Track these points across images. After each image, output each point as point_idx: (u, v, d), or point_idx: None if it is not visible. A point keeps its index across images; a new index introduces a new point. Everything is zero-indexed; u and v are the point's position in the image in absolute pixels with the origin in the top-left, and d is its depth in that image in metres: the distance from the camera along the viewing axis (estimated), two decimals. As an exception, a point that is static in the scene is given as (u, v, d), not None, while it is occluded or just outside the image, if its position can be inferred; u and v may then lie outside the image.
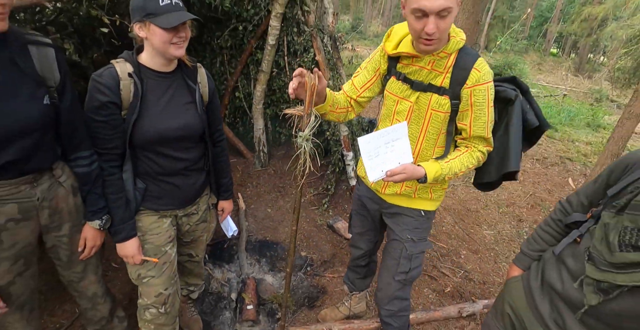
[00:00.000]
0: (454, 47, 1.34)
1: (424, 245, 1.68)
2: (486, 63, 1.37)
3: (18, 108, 1.13)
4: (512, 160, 1.48)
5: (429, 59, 1.37)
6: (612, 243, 0.97)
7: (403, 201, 1.62)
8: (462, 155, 1.45)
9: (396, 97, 1.49)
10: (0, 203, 1.19)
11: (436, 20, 1.19)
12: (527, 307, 1.23)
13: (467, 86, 1.35)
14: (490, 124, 1.42)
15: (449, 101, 1.38)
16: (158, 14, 1.26)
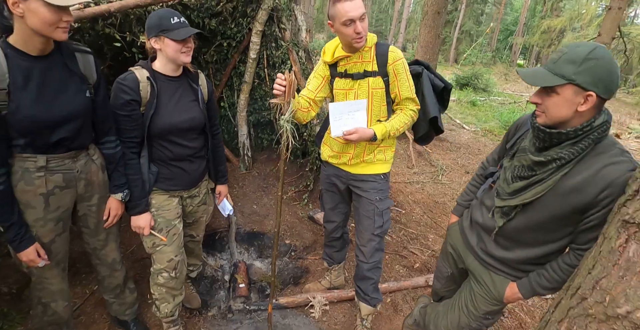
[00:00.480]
0: (371, 42, 1.84)
1: (388, 202, 2.09)
2: (396, 48, 1.88)
3: (69, 99, 1.50)
4: (430, 111, 2.00)
5: (358, 54, 1.85)
6: (507, 179, 1.39)
7: (366, 169, 2.03)
8: (399, 116, 1.91)
9: (344, 90, 1.93)
10: (50, 173, 1.53)
11: (360, 23, 1.70)
12: (462, 242, 1.64)
13: (389, 64, 1.84)
14: (411, 87, 1.90)
15: (381, 79, 1.85)
16: (171, 30, 1.64)
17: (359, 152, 1.99)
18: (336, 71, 1.93)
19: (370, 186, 2.04)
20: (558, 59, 1.17)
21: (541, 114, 1.23)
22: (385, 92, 1.89)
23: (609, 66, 1.12)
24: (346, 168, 2.08)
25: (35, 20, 1.31)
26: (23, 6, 1.28)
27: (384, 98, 1.91)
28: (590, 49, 1.12)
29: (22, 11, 1.29)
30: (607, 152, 1.16)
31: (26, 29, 1.34)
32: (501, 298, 1.49)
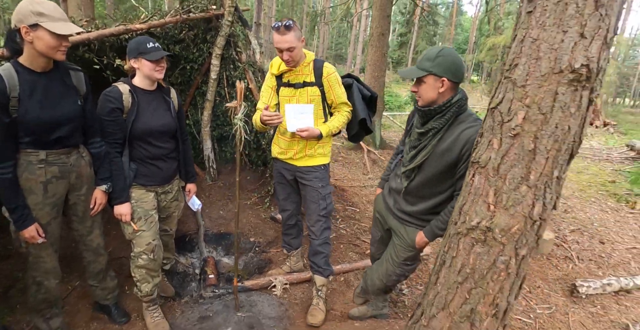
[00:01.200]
0: (309, 59, 2.34)
1: (329, 188, 2.55)
2: (329, 64, 2.38)
3: (65, 106, 1.89)
4: (359, 114, 2.46)
5: (298, 68, 2.34)
6: (407, 150, 1.89)
7: (309, 161, 2.48)
8: (337, 117, 2.41)
9: (287, 97, 2.40)
10: (49, 165, 1.89)
11: (287, 53, 2.19)
12: (384, 207, 2.12)
13: (324, 77, 2.33)
14: (344, 94, 2.40)
15: (318, 88, 2.34)
16: (147, 52, 2.07)
17: (302, 148, 2.45)
18: (281, 81, 2.42)
19: (313, 176, 2.49)
20: (420, 59, 1.71)
21: (419, 99, 1.75)
22: (322, 99, 2.39)
23: (453, 59, 1.67)
24: (292, 162, 2.52)
25: (41, 45, 1.71)
26: (33, 34, 1.68)
27: (321, 103, 2.40)
28: (440, 49, 1.67)
29: (31, 38, 1.69)
30: (465, 121, 1.69)
31: (34, 52, 1.74)
32: (414, 244, 1.95)
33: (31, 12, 1.66)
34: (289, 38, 2.14)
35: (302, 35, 2.28)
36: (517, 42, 1.28)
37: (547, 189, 1.28)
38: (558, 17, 1.15)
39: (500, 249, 1.36)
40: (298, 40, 2.20)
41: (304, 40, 2.28)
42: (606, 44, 1.16)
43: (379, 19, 6.98)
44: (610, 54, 6.23)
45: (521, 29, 1.26)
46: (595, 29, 1.13)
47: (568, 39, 1.15)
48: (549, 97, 1.19)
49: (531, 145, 1.24)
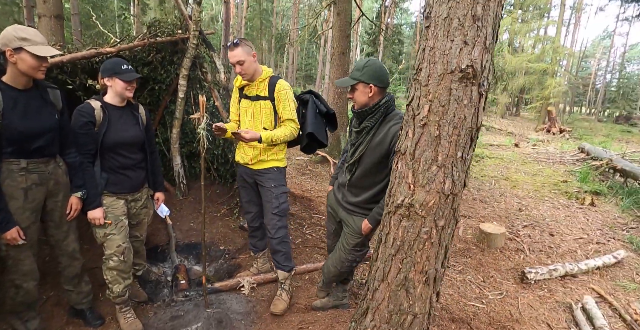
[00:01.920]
0: (265, 75, 2.61)
1: (283, 188, 2.77)
2: (283, 80, 2.64)
3: (44, 119, 2.09)
4: (308, 128, 2.66)
5: (255, 83, 2.62)
6: (349, 149, 2.15)
7: (263, 165, 2.72)
8: (281, 129, 2.62)
9: (245, 108, 2.68)
10: (29, 173, 2.07)
11: (238, 66, 2.50)
12: (334, 201, 2.36)
13: (276, 92, 2.59)
14: (292, 111, 2.62)
15: (270, 102, 2.60)
16: (121, 73, 2.31)
17: (257, 154, 2.70)
18: (242, 93, 2.70)
19: (266, 177, 2.74)
20: (352, 70, 2.00)
21: (354, 103, 2.04)
22: (273, 112, 2.65)
23: (378, 68, 1.98)
24: (250, 166, 2.77)
25: (24, 66, 1.93)
26: (16, 56, 1.91)
27: (272, 115, 2.66)
28: (366, 60, 1.98)
29: (15, 60, 1.91)
30: (393, 119, 1.99)
31: (17, 72, 1.96)
32: (360, 231, 2.19)
33: (15, 37, 1.89)
34: (237, 52, 2.47)
35: (253, 51, 2.57)
36: (420, 51, 1.57)
37: (454, 168, 1.55)
38: (446, 29, 1.46)
39: (422, 221, 1.61)
40: (247, 54, 2.51)
41: (255, 55, 2.58)
42: (486, 49, 1.46)
43: (339, 38, 7.40)
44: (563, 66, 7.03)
45: (422, 41, 1.56)
46: (475, 37, 1.43)
47: (455, 46, 1.45)
48: (445, 92, 1.48)
49: (436, 132, 1.52)
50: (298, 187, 5.99)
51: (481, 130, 10.20)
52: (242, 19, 26.51)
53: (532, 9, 21.24)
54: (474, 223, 5.07)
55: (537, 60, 18.58)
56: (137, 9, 17.58)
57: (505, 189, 7.10)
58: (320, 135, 2.73)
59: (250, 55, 2.52)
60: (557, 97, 18.86)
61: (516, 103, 27.02)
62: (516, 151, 11.42)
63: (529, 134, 16.36)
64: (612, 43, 38.65)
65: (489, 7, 1.42)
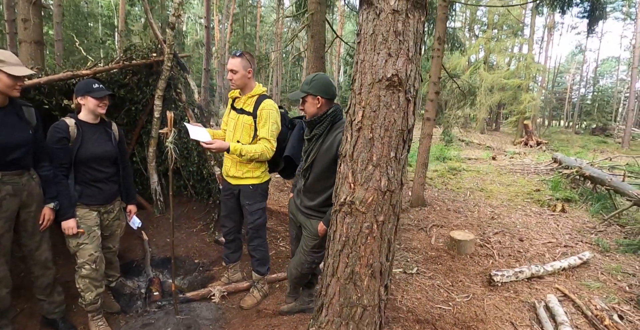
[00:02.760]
0: (256, 92, 2.78)
1: (257, 205, 2.90)
2: (271, 101, 2.79)
3: (19, 133, 2.24)
4: (286, 151, 2.75)
5: (244, 97, 2.78)
6: (303, 157, 2.31)
7: (239, 181, 2.86)
8: (253, 145, 2.72)
9: (231, 119, 2.84)
10: (4, 184, 2.20)
11: (230, 73, 2.70)
12: (294, 207, 2.51)
13: (259, 109, 2.74)
14: (270, 132, 2.73)
15: (252, 118, 2.75)
16: (93, 91, 2.47)
17: (235, 169, 2.85)
18: (232, 105, 2.89)
19: (243, 194, 2.90)
20: (302, 83, 2.18)
21: (305, 114, 2.22)
22: (253, 128, 2.78)
23: (324, 82, 2.18)
24: (229, 180, 2.92)
25: (1, 85, 2.09)
26: None
27: (252, 131, 2.78)
28: (314, 75, 2.18)
29: None
30: (340, 127, 2.17)
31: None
32: (317, 233, 2.33)
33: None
34: (234, 62, 2.69)
35: (251, 67, 2.75)
36: (354, 64, 1.77)
37: (388, 167, 1.72)
38: (373, 44, 1.65)
39: (363, 217, 1.77)
40: (243, 67, 2.70)
41: (250, 71, 2.76)
42: (409, 60, 1.66)
43: (314, 60, 7.66)
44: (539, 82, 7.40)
45: (356, 55, 1.76)
46: (398, 50, 1.63)
47: (381, 58, 1.64)
48: (375, 99, 1.67)
49: (370, 135, 1.70)
50: (275, 203, 6.10)
51: (460, 145, 10.50)
52: (226, 43, 27.07)
53: (505, 28, 22.15)
54: (447, 232, 5.22)
55: (511, 77, 19.26)
56: (121, 35, 17.89)
57: (480, 199, 7.31)
58: (298, 160, 2.80)
59: (245, 70, 2.71)
60: (533, 111, 19.49)
61: (495, 118, 27.75)
62: (493, 164, 11.74)
63: (507, 148, 16.81)
64: (584, 58, 40.21)
65: (409, 24, 1.62)
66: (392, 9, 1.59)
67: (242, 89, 2.80)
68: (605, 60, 46.17)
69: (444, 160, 11.29)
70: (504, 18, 20.06)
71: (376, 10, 1.62)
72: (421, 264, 4.25)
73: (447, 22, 6.18)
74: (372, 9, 1.63)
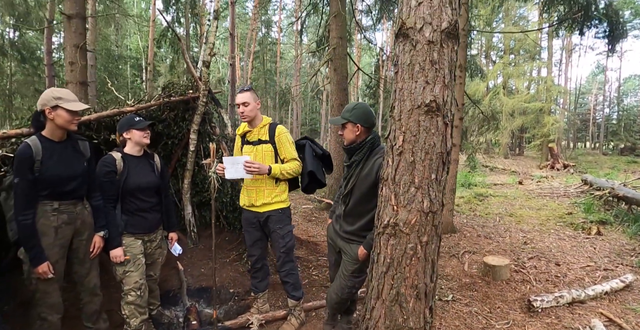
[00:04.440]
0: (265, 122, 2.93)
1: (288, 227, 2.97)
2: (282, 126, 2.94)
3: (76, 165, 2.41)
4: (308, 167, 2.90)
5: (256, 129, 2.92)
6: (342, 183, 2.39)
7: (268, 207, 2.94)
8: (288, 164, 2.85)
9: (247, 153, 2.94)
10: (60, 213, 2.35)
11: (242, 106, 2.84)
12: (333, 232, 2.56)
13: (276, 136, 2.88)
14: (293, 151, 2.88)
15: (271, 145, 2.88)
16: (135, 124, 2.64)
17: (261, 196, 2.94)
18: (244, 140, 3.01)
19: (272, 219, 2.96)
20: (343, 111, 2.29)
21: (344, 140, 2.31)
22: (274, 154, 2.92)
23: (364, 111, 2.28)
24: (255, 209, 3.00)
25: (60, 120, 2.29)
26: (54, 113, 2.27)
27: (273, 157, 2.92)
28: (355, 103, 2.28)
29: (53, 116, 2.27)
30: (378, 153, 2.25)
31: (54, 126, 2.31)
32: (357, 257, 2.36)
33: (52, 97, 2.28)
34: (245, 95, 2.85)
35: (259, 100, 2.94)
36: (392, 93, 1.87)
37: (430, 188, 1.78)
38: (410, 73, 1.76)
39: (407, 238, 1.81)
40: (253, 100, 2.88)
41: (259, 103, 2.94)
42: (445, 86, 1.75)
43: (337, 92, 7.91)
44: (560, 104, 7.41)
45: (394, 84, 1.86)
46: (435, 77, 1.73)
47: (419, 86, 1.74)
48: (415, 124, 1.75)
49: (411, 158, 1.77)
50: (304, 233, 6.14)
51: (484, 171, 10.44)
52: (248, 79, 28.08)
53: (522, 52, 22.32)
54: (479, 258, 5.13)
55: (532, 100, 19.20)
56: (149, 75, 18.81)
57: (510, 224, 7.17)
58: (319, 175, 2.96)
59: (255, 101, 2.88)
60: (557, 134, 19.25)
61: (518, 143, 27.42)
62: (520, 188, 11.54)
63: (533, 172, 16.53)
64: (605, 78, 39.76)
65: (444, 53, 1.72)
66: (428, 40, 1.70)
67: (252, 121, 2.94)
68: (628, 79, 45.60)
69: (469, 187, 11.22)
70: (520, 43, 20.26)
71: (412, 42, 1.73)
72: (456, 291, 4.17)
73: (466, 49, 6.34)
74: (409, 41, 1.74)
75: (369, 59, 35.85)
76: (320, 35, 9.88)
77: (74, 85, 4.72)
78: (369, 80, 26.97)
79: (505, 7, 19.27)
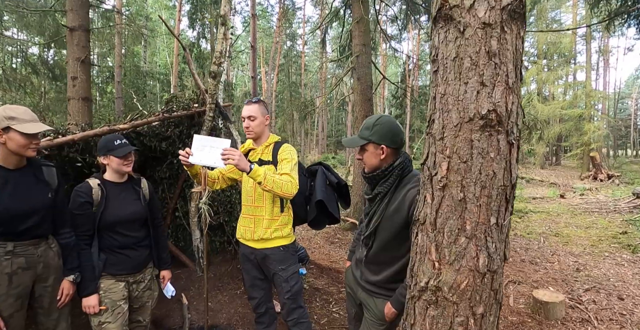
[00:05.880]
0: (271, 141, 2.46)
1: (293, 268, 2.44)
2: (289, 145, 2.47)
3: (35, 198, 1.97)
4: (317, 196, 2.41)
5: (260, 148, 2.45)
6: (363, 219, 1.85)
7: (266, 243, 2.42)
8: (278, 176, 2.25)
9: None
10: (15, 256, 1.91)
11: (248, 120, 2.41)
12: (352, 279, 2.01)
13: (279, 154, 2.39)
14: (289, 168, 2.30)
15: (273, 166, 2.38)
16: (114, 149, 2.20)
17: (259, 229, 2.42)
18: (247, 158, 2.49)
19: (272, 259, 2.42)
20: (361, 128, 1.76)
21: (364, 166, 1.77)
22: None
23: (389, 127, 1.72)
24: (252, 244, 2.47)
25: (13, 145, 1.86)
26: (5, 136, 1.84)
27: None
28: (377, 118, 1.73)
29: (4, 139, 1.85)
30: (411, 181, 1.69)
31: (7, 151, 1.88)
32: (383, 317, 1.80)
33: (3, 117, 1.83)
34: (253, 108, 2.42)
35: (268, 114, 2.49)
36: (431, 100, 1.34)
37: (487, 238, 1.22)
38: (457, 71, 1.22)
39: (454, 309, 1.25)
40: (262, 114, 2.44)
41: (268, 118, 2.49)
42: (510, 89, 1.20)
43: (361, 102, 7.40)
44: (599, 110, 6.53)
45: (432, 87, 1.33)
46: (494, 76, 1.19)
47: (470, 89, 1.20)
48: (465, 145, 1.21)
49: (460, 195, 1.22)
50: (326, 258, 5.59)
51: (521, 183, 9.62)
52: (273, 92, 27.99)
53: (556, 57, 21.21)
54: (526, 290, 4.44)
55: (570, 107, 18.09)
56: (175, 90, 18.91)
57: (557, 246, 6.39)
58: (331, 206, 2.44)
59: (264, 116, 2.44)
60: (599, 142, 17.97)
61: (555, 152, 26.01)
62: (563, 203, 10.60)
63: (574, 183, 15.35)
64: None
65: (506, 41, 1.18)
66: (482, 23, 1.17)
67: (258, 139, 2.49)
68: (672, 81, 43.04)
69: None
70: (554, 47, 19.21)
71: (459, 26, 1.20)
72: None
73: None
74: (454, 26, 1.22)
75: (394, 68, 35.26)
76: (343, 44, 9.44)
77: (76, 101, 4.41)
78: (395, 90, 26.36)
79: (539, 9, 18.32)
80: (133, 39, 21.02)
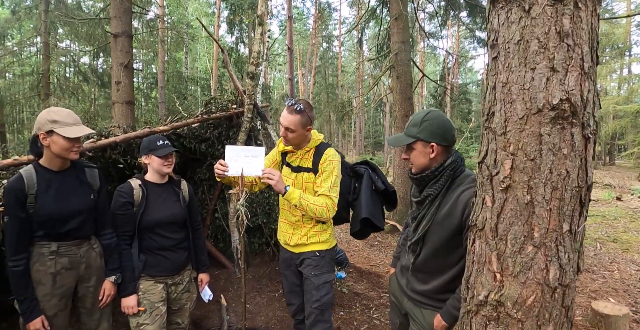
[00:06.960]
0: (312, 145, 2.28)
1: (326, 277, 2.30)
2: (333, 149, 2.28)
3: (77, 200, 2.00)
4: (362, 213, 2.23)
5: (300, 152, 2.29)
6: (410, 223, 1.70)
7: (302, 248, 2.31)
8: (316, 197, 2.16)
9: (286, 177, 2.32)
10: (59, 256, 1.93)
11: (285, 130, 2.16)
12: (397, 288, 1.87)
13: (321, 163, 2.22)
14: (332, 187, 2.17)
15: (313, 175, 2.24)
16: (156, 150, 2.19)
17: (297, 234, 2.32)
18: (285, 160, 2.41)
19: (306, 263, 2.31)
20: (407, 125, 1.62)
21: (411, 166, 1.63)
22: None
23: (439, 123, 1.56)
24: (290, 249, 2.38)
25: (56, 148, 1.88)
26: (49, 139, 1.87)
27: (314, 190, 2.26)
28: (425, 113, 1.58)
29: (48, 142, 1.87)
30: (463, 183, 1.53)
31: (51, 154, 1.91)
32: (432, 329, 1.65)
33: (47, 121, 1.86)
34: (292, 119, 2.13)
35: (311, 124, 2.23)
36: (489, 90, 1.19)
37: (559, 247, 1.06)
38: (522, 56, 1.07)
39: (519, 327, 1.10)
40: (302, 126, 2.17)
41: (310, 129, 2.25)
42: (585, 74, 1.04)
43: (401, 101, 7.20)
44: None
45: (491, 76, 1.18)
46: (566, 60, 1.03)
47: (538, 75, 1.05)
48: (533, 140, 1.06)
49: (527, 197, 1.07)
50: (365, 261, 5.44)
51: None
52: (310, 94, 28.08)
53: (609, 49, 19.90)
54: (583, 300, 4.10)
55: (625, 102, 16.90)
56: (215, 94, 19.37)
57: (616, 253, 5.91)
58: (376, 219, 2.28)
59: (305, 129, 2.19)
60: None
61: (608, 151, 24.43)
62: (620, 206, 9.86)
63: (632, 185, 14.27)
64: None
65: (580, 19, 1.02)
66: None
67: (297, 145, 2.31)
68: None
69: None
70: (607, 39, 18.01)
71: (523, 5, 1.05)
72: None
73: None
74: (517, 4, 1.06)
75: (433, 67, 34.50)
76: (380, 42, 9.25)
77: (120, 105, 4.53)
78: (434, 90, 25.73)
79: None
80: (175, 45, 21.74)
